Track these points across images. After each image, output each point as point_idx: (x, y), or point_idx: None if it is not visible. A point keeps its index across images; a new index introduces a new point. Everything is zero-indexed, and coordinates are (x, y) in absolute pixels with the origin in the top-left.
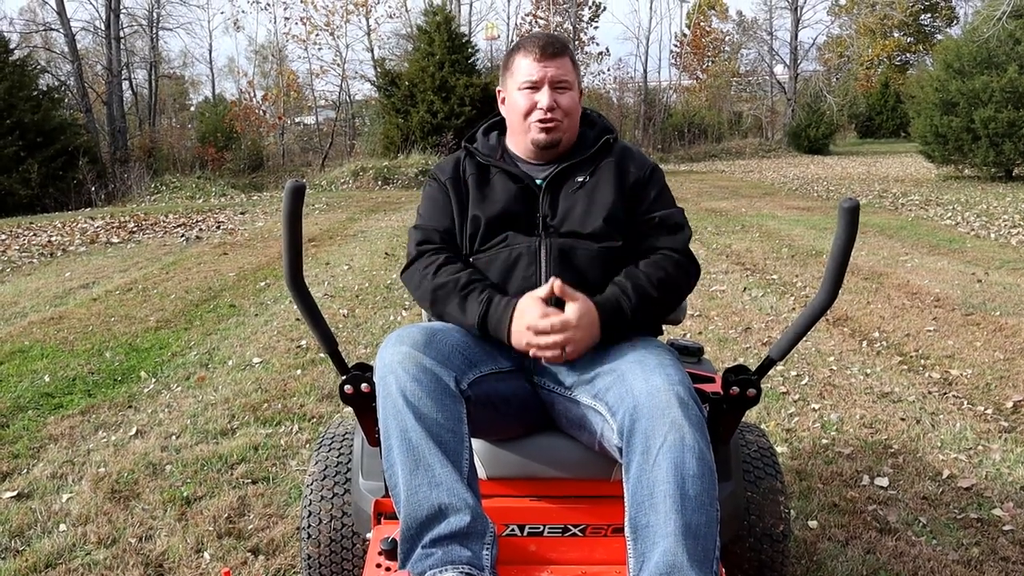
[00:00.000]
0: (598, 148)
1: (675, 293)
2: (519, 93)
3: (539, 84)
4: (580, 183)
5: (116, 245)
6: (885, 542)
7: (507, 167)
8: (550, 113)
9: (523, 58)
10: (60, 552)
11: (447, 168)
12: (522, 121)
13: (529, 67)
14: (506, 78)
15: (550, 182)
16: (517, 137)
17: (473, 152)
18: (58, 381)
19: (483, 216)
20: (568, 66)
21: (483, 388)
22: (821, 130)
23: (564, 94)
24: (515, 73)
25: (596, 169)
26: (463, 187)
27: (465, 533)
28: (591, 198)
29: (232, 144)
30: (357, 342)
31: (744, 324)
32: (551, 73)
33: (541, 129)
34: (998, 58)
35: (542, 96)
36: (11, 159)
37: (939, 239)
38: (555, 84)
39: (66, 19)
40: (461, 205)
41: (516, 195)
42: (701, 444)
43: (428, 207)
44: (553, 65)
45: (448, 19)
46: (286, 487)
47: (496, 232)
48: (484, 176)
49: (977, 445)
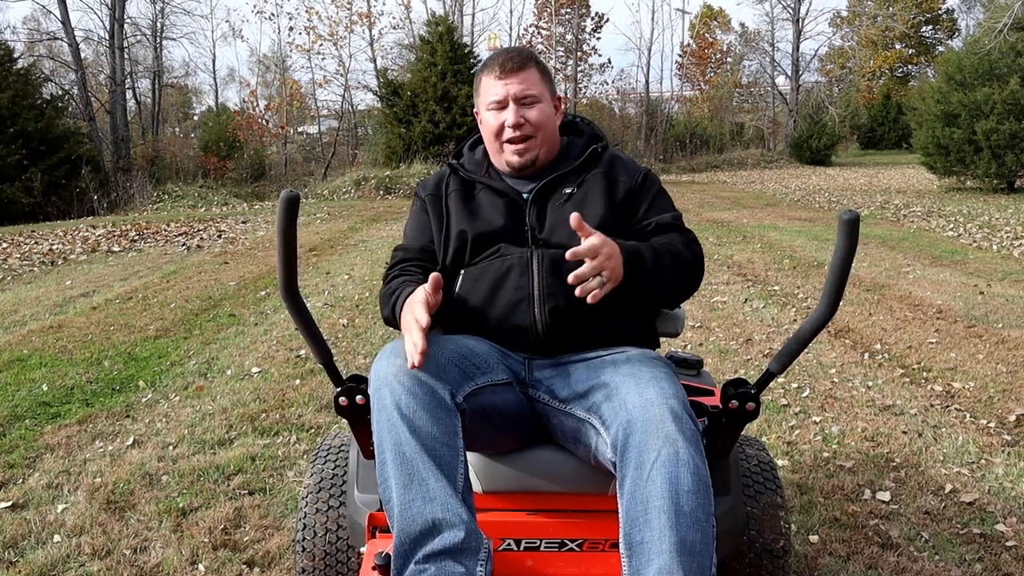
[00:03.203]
0: (585, 158)
1: (685, 273)
2: (488, 113)
3: (504, 102)
4: (568, 195)
5: (117, 254)
6: (887, 557)
7: (492, 183)
8: (518, 130)
9: (486, 77)
10: (54, 563)
11: (429, 185)
12: (494, 141)
13: (492, 86)
14: (476, 99)
15: (536, 195)
16: (495, 157)
17: (457, 168)
18: (56, 390)
19: (470, 231)
20: (533, 78)
21: (478, 401)
22: (823, 141)
23: (532, 108)
24: (481, 94)
25: (584, 181)
26: (444, 203)
27: (459, 549)
28: (579, 210)
29: (234, 153)
30: (356, 352)
31: (745, 335)
32: (514, 89)
33: (514, 151)
34: (1000, 70)
35: (508, 114)
36: (14, 168)
37: (941, 251)
38: (520, 100)
39: (70, 28)
40: (440, 221)
41: (503, 210)
42: (696, 458)
43: (410, 226)
44: (515, 80)
45: (451, 29)
46: (283, 498)
47: (486, 245)
48: (469, 192)
49: (980, 459)
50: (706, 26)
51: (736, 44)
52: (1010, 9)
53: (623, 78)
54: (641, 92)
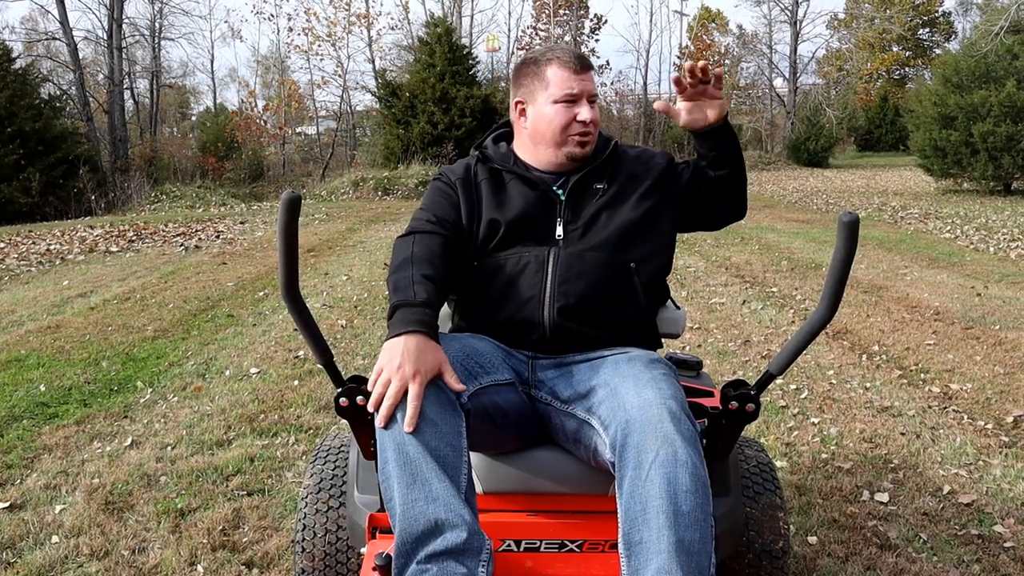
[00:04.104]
0: (609, 153)
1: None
2: (555, 106)
3: (579, 97)
4: (600, 190)
5: (115, 254)
6: (885, 558)
7: (522, 173)
8: (591, 127)
9: (559, 70)
10: (52, 564)
11: (458, 170)
12: (558, 134)
13: (567, 80)
14: (535, 90)
15: (572, 191)
16: (542, 148)
17: (487, 157)
18: (54, 391)
19: (503, 220)
20: (595, 81)
21: (481, 400)
22: (820, 143)
23: (594, 108)
24: (550, 85)
25: (613, 177)
26: (474, 190)
27: (461, 549)
28: (613, 208)
29: (233, 154)
30: (355, 353)
31: (743, 337)
32: (589, 87)
33: (578, 143)
34: (996, 72)
35: (583, 110)
36: (12, 167)
37: (938, 252)
38: (590, 98)
39: (68, 29)
40: (471, 206)
41: (535, 201)
42: (694, 459)
43: (434, 197)
44: (588, 79)
45: (449, 31)
46: (281, 499)
47: (513, 237)
48: (498, 181)
49: (978, 460)
50: (704, 28)
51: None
52: (1007, 12)
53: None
54: (639, 94)
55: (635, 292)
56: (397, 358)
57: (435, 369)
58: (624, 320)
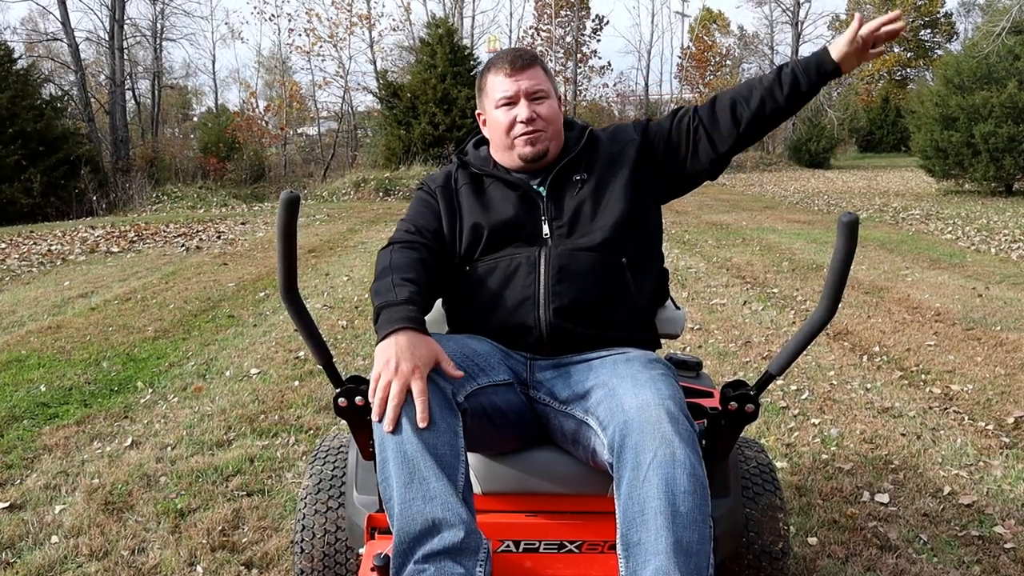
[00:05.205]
0: (584, 142)
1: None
2: (497, 111)
3: (515, 99)
4: (579, 181)
5: (116, 254)
6: (886, 560)
7: (503, 176)
8: (531, 124)
9: (495, 76)
10: (51, 564)
11: (439, 178)
12: (505, 137)
13: (502, 84)
14: (483, 99)
15: (551, 187)
16: (503, 154)
17: (466, 163)
18: (54, 391)
19: (486, 224)
20: (540, 75)
21: (479, 401)
22: (822, 144)
23: (542, 104)
24: (490, 92)
25: (591, 165)
26: (455, 196)
27: (459, 549)
28: (597, 199)
29: (234, 154)
30: (355, 353)
31: (744, 338)
32: (524, 85)
33: (526, 142)
34: (998, 73)
35: (520, 109)
36: (13, 168)
37: (939, 253)
38: (531, 95)
39: (70, 29)
40: (452, 213)
41: (516, 202)
42: (692, 460)
43: (416, 208)
44: (524, 77)
45: (450, 32)
46: (281, 500)
47: (499, 240)
48: (479, 186)
49: (978, 461)
50: (705, 29)
51: (735, 47)
52: (1008, 13)
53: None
54: (641, 95)
55: (629, 289)
56: (393, 359)
57: (431, 361)
58: (621, 319)
